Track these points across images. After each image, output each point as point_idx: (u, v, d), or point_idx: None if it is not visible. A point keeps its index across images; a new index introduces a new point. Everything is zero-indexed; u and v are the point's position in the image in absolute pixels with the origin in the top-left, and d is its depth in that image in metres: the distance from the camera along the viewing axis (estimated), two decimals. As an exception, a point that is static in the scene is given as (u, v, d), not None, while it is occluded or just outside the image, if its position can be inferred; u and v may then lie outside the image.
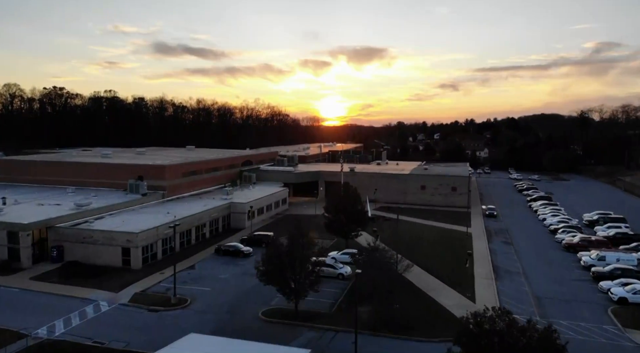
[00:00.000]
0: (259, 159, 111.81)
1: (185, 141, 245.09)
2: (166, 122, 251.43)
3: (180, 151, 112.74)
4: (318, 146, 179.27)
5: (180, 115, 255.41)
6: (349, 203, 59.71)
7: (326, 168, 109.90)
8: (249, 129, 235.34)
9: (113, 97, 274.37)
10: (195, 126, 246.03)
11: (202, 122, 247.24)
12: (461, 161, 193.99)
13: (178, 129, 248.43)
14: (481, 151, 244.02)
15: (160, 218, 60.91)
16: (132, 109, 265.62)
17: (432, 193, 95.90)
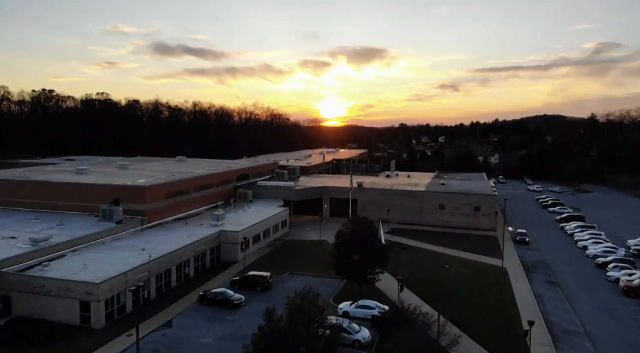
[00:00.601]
0: (256, 172, 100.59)
1: (181, 146, 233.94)
2: (161, 126, 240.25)
3: (169, 163, 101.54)
4: (320, 153, 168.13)
5: (176, 119, 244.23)
6: (364, 237, 48.45)
7: (331, 182, 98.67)
8: (247, 133, 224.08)
9: (106, 99, 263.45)
10: (192, 130, 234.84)
11: (199, 126, 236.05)
12: (472, 168, 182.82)
13: (173, 134, 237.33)
14: (491, 156, 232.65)
15: (133, 257, 49.76)
16: (125, 112, 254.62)
17: (452, 212, 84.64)
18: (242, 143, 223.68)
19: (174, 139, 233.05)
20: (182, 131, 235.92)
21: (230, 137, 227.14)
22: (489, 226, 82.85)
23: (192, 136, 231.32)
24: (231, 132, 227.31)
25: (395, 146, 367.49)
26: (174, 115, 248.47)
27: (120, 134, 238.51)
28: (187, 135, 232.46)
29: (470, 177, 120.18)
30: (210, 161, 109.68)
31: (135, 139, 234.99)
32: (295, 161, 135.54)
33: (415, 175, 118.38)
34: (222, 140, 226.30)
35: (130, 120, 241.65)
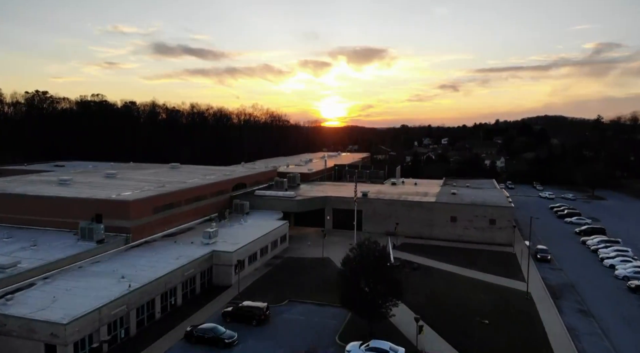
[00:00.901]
0: (253, 180, 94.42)
1: (179, 149, 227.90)
2: (158, 128, 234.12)
3: (161, 172, 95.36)
4: (322, 157, 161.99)
5: (174, 121, 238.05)
6: (374, 264, 42.29)
7: (334, 191, 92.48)
8: (246, 135, 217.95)
9: (102, 101, 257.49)
10: (190, 133, 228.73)
11: (197, 129, 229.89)
12: (479, 173, 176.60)
13: (171, 136, 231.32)
14: (497, 159, 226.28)
15: (111, 287, 43.63)
16: (122, 113, 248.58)
17: (465, 225, 78.44)
18: (240, 146, 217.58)
19: (171, 142, 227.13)
20: (179, 133, 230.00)
21: (229, 139, 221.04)
22: (505, 240, 76.67)
23: (190, 138, 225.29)
24: (230, 134, 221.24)
25: (397, 148, 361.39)
26: (172, 117, 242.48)
27: (116, 136, 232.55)
28: (185, 138, 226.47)
29: (481, 185, 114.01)
30: (205, 169, 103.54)
31: (132, 142, 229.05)
32: (296, 166, 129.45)
33: (422, 183, 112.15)
34: (221, 143, 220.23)
35: (126, 122, 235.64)
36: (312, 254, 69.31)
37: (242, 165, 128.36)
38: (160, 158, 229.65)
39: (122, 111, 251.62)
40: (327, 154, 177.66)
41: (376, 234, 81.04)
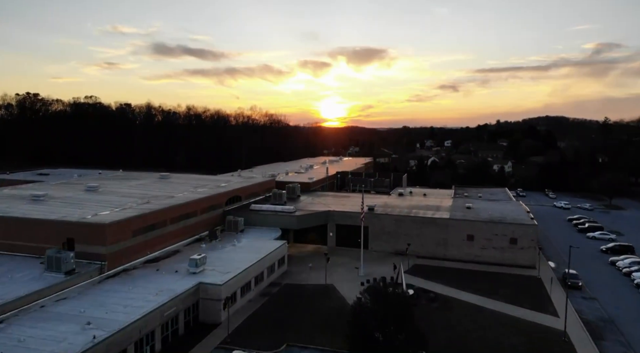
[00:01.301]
0: (250, 192, 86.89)
1: (175, 153, 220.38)
2: (154, 131, 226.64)
3: (148, 183, 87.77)
4: (323, 163, 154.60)
5: (170, 123, 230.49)
6: (392, 312, 34.83)
7: (337, 204, 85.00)
8: (244, 139, 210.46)
9: (96, 103, 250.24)
10: (186, 136, 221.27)
11: (194, 132, 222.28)
12: (488, 179, 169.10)
13: (167, 140, 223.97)
14: (505, 164, 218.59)
15: (74, 336, 36.11)
16: (116, 116, 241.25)
17: (483, 245, 70.92)
18: (239, 150, 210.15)
19: (167, 145, 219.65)
20: (176, 136, 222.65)
21: (226, 143, 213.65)
22: (527, 262, 69.15)
23: (187, 142, 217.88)
24: (228, 138, 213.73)
25: (400, 151, 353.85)
26: (168, 120, 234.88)
27: (110, 139, 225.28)
28: (181, 141, 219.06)
29: (494, 194, 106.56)
30: (197, 179, 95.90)
31: (127, 145, 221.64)
32: (296, 174, 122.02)
33: (432, 193, 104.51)
34: (219, 146, 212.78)
35: (121, 125, 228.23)
36: (314, 280, 61.79)
37: (238, 173, 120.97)
38: (156, 162, 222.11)
39: (117, 113, 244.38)
40: (328, 160, 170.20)
41: (384, 253, 73.77)
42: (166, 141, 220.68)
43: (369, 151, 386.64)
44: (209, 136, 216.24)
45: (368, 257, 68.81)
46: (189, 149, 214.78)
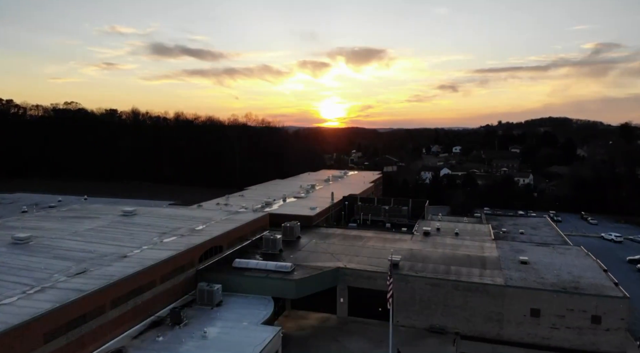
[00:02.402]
0: (234, 237, 67.11)
1: (162, 164, 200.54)
2: (141, 139, 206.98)
3: (104, 226, 67.76)
4: (326, 181, 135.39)
5: (158, 131, 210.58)
6: None
7: (348, 254, 65.39)
8: (238, 148, 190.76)
9: (78, 109, 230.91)
10: (175, 145, 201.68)
11: (183, 140, 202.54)
12: (514, 198, 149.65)
13: (154, 149, 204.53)
14: (524, 178, 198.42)
15: None
16: (101, 123, 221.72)
17: (552, 322, 51.35)
18: (232, 160, 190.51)
19: (154, 155, 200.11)
20: (163, 144, 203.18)
21: (219, 152, 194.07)
22: (614, 348, 49.58)
23: (176, 151, 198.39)
24: (221, 147, 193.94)
25: (406, 158, 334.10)
26: (156, 126, 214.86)
27: (93, 149, 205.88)
28: (169, 150, 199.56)
29: (539, 229, 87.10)
30: (169, 216, 75.72)
31: (111, 155, 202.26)
32: (295, 199, 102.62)
33: (465, 230, 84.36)
34: (210, 157, 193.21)
35: (104, 133, 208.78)
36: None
37: (225, 199, 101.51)
38: (142, 173, 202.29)
39: (101, 119, 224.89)
40: (332, 175, 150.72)
41: (415, 330, 54.17)
42: (153, 150, 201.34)
43: (372, 156, 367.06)
44: (200, 145, 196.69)
45: (394, 335, 49.21)
46: (178, 159, 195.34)
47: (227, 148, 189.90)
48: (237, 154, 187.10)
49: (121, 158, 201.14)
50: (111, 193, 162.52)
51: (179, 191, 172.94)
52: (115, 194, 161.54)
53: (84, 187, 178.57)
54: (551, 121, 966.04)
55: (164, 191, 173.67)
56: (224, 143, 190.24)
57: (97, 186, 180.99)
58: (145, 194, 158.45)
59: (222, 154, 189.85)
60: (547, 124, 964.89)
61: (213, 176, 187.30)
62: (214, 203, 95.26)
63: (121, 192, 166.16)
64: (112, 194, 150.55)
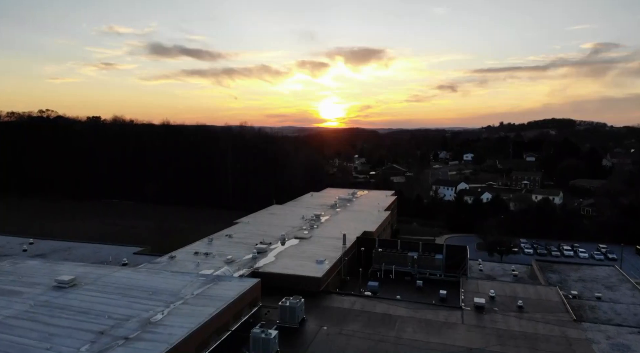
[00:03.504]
0: (206, 335, 45.55)
1: (146, 181, 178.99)
2: (123, 152, 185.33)
3: (16, 314, 46.06)
4: (332, 208, 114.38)
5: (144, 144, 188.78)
6: None
7: None
8: (231, 163, 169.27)
9: (55, 117, 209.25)
10: (161, 157, 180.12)
11: (170, 151, 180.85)
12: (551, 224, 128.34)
13: (138, 164, 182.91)
14: (554, 196, 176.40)
15: None
16: (81, 133, 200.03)
17: None
18: (224, 177, 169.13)
19: (137, 170, 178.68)
20: (149, 156, 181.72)
21: (209, 167, 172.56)
22: None
23: (161, 166, 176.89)
24: (211, 162, 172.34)
25: (414, 166, 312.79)
26: (140, 137, 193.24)
27: (69, 163, 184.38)
28: (155, 164, 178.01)
29: (611, 288, 65.85)
30: (124, 284, 54.06)
31: (90, 171, 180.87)
32: (296, 241, 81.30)
33: (529, 302, 62.26)
34: (199, 173, 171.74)
35: (83, 145, 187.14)
36: None
37: (208, 243, 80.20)
38: (124, 191, 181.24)
39: (78, 129, 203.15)
40: (338, 198, 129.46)
41: None
42: (136, 163, 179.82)
43: (377, 164, 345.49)
44: (189, 158, 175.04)
45: None
46: (164, 174, 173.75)
47: (219, 161, 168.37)
48: (230, 170, 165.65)
49: (101, 172, 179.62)
50: (80, 218, 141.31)
51: (162, 214, 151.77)
52: (84, 219, 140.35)
53: (55, 209, 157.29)
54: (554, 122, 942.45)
55: (145, 214, 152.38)
56: (216, 155, 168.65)
57: (71, 207, 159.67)
58: (118, 223, 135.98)
59: (213, 169, 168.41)
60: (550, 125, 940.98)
61: (203, 194, 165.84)
62: (193, 251, 73.76)
63: (93, 216, 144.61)
64: (76, 227, 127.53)
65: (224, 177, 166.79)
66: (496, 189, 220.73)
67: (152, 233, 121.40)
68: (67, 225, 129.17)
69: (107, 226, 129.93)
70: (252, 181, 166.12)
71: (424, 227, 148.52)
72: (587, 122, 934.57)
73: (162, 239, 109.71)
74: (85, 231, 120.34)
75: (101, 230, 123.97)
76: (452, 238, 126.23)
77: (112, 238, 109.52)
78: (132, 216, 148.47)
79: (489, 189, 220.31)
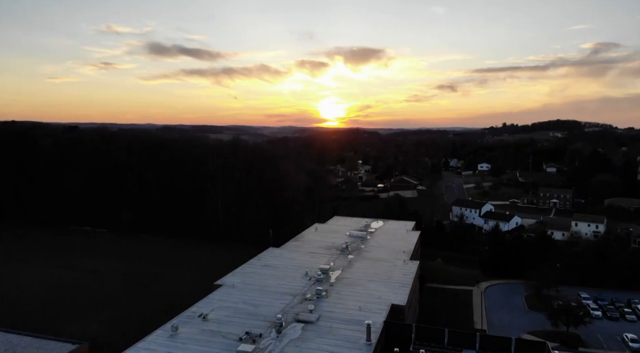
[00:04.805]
0: None
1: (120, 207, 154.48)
2: (98, 170, 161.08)
3: None
4: (342, 253, 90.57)
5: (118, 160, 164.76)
6: None
7: None
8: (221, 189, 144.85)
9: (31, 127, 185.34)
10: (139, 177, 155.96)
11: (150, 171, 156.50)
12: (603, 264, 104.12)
13: (118, 184, 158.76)
14: (595, 223, 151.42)
15: None
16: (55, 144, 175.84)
17: None
18: (214, 204, 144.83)
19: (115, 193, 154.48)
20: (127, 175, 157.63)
21: (196, 191, 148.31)
22: None
23: (141, 189, 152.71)
24: (199, 185, 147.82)
25: (425, 178, 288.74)
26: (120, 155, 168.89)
27: (37, 181, 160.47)
28: (135, 187, 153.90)
29: None
30: None
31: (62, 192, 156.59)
32: (300, 327, 57.10)
33: None
34: (185, 198, 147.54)
35: (55, 162, 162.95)
36: None
37: (170, 335, 55.88)
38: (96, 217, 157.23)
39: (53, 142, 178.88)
40: (349, 235, 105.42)
41: None
42: (113, 185, 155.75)
43: (384, 174, 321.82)
44: (172, 180, 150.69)
45: None
46: (144, 197, 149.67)
47: (208, 182, 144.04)
48: (220, 193, 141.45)
49: (72, 194, 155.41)
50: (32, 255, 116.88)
51: (136, 247, 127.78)
52: (35, 256, 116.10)
53: (9, 239, 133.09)
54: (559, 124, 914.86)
55: (116, 248, 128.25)
56: (204, 176, 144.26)
57: (33, 238, 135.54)
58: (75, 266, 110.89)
59: (200, 192, 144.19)
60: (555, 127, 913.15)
61: (187, 221, 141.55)
62: (144, 357, 49.53)
63: (50, 251, 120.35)
64: (13, 276, 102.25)
65: (213, 201, 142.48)
66: (522, 208, 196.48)
67: (113, 286, 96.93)
68: (4, 270, 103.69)
69: (59, 271, 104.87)
70: (245, 206, 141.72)
71: (452, 265, 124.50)
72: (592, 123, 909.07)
73: (116, 316, 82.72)
74: (20, 285, 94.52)
75: (46, 281, 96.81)
76: (492, 287, 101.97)
77: (51, 304, 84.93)
78: (99, 251, 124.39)
79: (514, 208, 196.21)
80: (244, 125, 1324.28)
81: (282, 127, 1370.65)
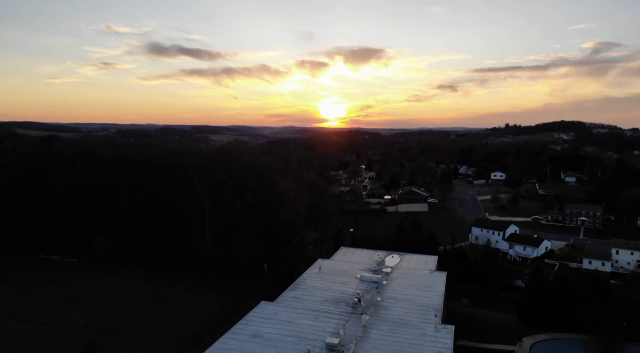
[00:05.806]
0: None
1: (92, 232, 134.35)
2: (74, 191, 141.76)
3: None
4: (354, 310, 71.02)
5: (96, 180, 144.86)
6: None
7: None
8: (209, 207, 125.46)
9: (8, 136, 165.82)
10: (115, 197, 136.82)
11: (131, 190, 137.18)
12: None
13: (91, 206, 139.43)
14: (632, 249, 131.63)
15: None
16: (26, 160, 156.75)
17: None
18: (200, 228, 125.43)
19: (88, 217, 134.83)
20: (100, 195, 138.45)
21: (179, 213, 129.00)
22: None
23: (117, 212, 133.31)
24: (183, 206, 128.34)
25: (436, 189, 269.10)
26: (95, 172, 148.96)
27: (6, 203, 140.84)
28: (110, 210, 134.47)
29: None
30: None
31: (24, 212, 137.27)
32: None
33: None
34: (167, 221, 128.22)
35: (22, 180, 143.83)
36: None
37: None
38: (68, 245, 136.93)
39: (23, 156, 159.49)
40: (361, 279, 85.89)
41: None
42: (86, 207, 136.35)
43: (391, 183, 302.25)
44: (154, 200, 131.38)
45: None
46: (120, 222, 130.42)
47: (194, 207, 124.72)
48: (208, 217, 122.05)
49: (42, 215, 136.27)
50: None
51: (105, 285, 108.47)
52: None
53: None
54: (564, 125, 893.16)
55: (81, 286, 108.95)
56: (188, 198, 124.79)
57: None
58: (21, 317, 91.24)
59: (185, 218, 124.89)
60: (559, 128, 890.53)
61: (169, 252, 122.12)
62: None
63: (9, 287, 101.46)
64: None
65: (199, 227, 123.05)
66: (547, 227, 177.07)
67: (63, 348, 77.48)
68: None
69: (2, 322, 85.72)
70: (236, 232, 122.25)
71: (480, 306, 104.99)
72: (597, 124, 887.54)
73: None
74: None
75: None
76: (540, 345, 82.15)
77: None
78: (61, 289, 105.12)
79: (538, 227, 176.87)
80: (244, 125, 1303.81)
81: (282, 128, 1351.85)
